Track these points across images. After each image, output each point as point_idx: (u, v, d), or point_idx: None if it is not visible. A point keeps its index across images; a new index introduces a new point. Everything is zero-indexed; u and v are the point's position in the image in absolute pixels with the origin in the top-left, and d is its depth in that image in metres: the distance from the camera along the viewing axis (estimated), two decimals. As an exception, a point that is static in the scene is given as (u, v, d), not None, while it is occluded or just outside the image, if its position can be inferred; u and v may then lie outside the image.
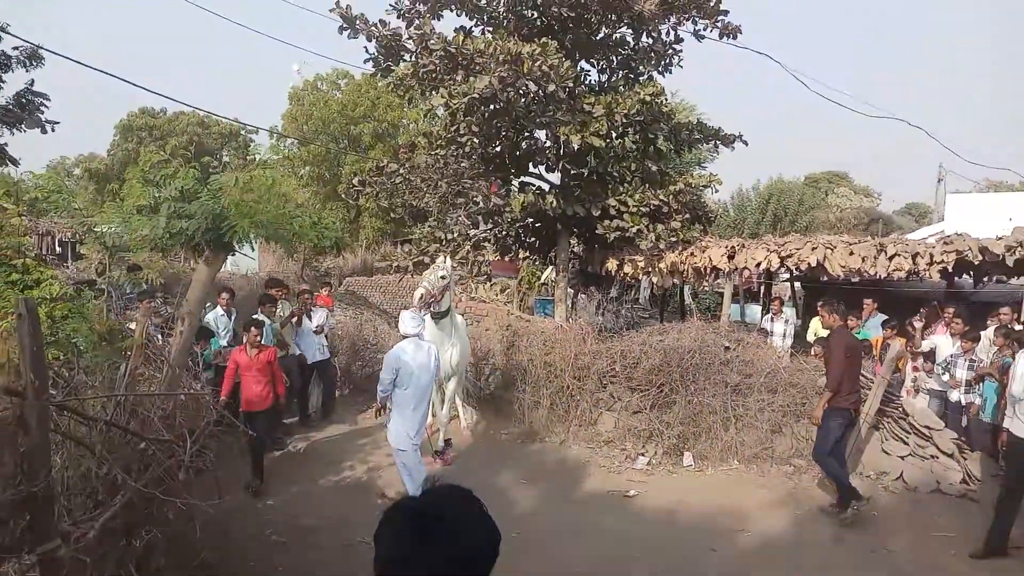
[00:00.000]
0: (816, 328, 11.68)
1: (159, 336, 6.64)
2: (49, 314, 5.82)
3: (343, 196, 16.82)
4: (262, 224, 6.38)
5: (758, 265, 11.75)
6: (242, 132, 37.06)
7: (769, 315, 12.86)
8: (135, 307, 9.87)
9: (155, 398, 4.74)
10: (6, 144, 13.71)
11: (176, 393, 5.05)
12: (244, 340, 8.19)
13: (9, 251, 6.51)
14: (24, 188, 11.71)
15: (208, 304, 9.54)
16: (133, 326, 7.46)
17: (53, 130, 14.20)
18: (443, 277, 8.73)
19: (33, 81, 13.41)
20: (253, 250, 7.36)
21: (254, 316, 8.75)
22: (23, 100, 13.75)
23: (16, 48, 13.10)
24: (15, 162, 12.86)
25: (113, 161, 35.36)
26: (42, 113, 14.03)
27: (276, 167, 24.49)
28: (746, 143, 13.44)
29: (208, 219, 6.18)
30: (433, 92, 11.37)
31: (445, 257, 9.28)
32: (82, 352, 5.49)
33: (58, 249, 26.10)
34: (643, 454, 9.07)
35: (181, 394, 5.09)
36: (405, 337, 7.17)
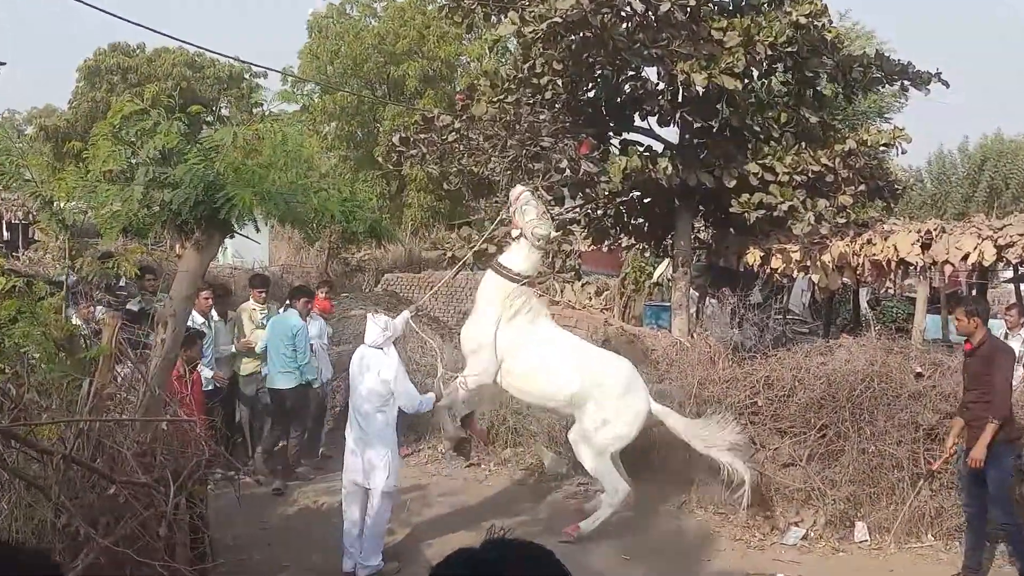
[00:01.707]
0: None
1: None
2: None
3: (381, 161, 17.06)
4: (271, 196, 6.53)
5: (965, 258, 11.43)
6: (246, 75, 38.05)
7: (1003, 329, 11.55)
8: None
9: (129, 427, 4.93)
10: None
11: (155, 419, 5.24)
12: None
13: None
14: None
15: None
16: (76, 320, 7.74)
17: (-2, 71, 14.77)
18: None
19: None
20: (259, 232, 7.52)
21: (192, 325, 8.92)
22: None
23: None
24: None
25: (76, 115, 36.71)
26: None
27: (291, 121, 25.08)
28: (947, 84, 13.10)
29: (199, 189, 6.34)
30: (501, 16, 11.47)
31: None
32: (34, 366, 5.75)
33: (6, 235, 27.31)
34: (797, 523, 8.96)
35: (163, 420, 5.28)
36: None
